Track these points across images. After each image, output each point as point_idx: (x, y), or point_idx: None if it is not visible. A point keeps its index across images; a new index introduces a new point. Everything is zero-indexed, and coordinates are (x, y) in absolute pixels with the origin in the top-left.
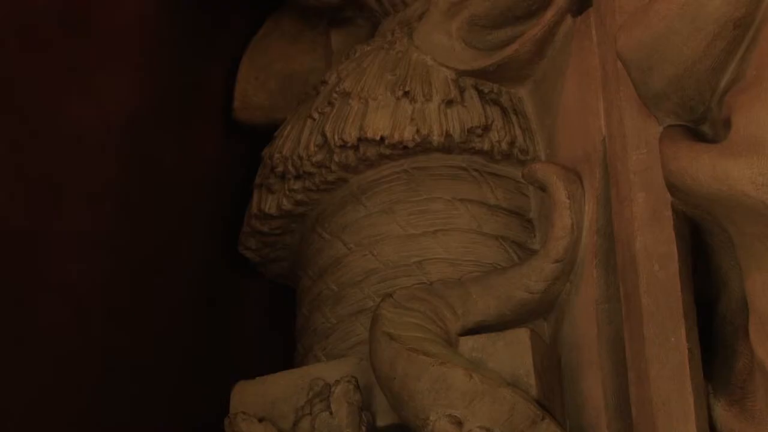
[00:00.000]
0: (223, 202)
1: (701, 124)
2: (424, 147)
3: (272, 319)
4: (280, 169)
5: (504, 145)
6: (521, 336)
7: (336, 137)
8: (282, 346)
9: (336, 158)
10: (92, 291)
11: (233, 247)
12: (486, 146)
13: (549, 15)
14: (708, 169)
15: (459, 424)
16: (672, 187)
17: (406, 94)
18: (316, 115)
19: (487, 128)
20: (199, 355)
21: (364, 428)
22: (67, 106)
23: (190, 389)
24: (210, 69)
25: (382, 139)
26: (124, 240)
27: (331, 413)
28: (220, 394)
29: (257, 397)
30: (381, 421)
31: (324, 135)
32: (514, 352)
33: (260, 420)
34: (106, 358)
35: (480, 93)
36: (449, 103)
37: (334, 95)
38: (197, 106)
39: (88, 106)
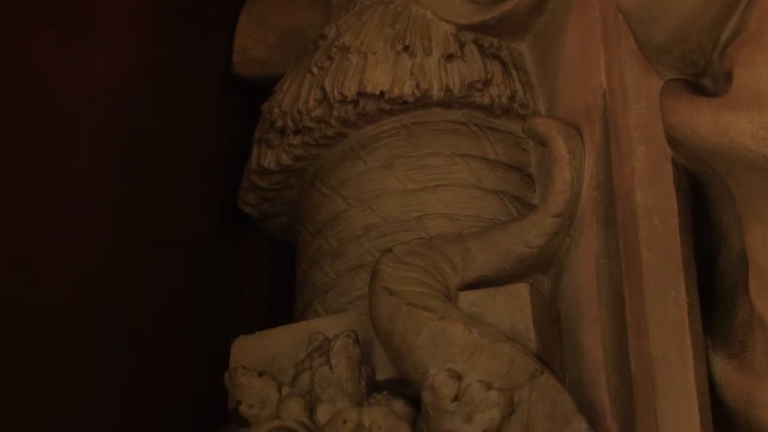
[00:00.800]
0: (222, 157)
1: (702, 77)
2: (423, 102)
3: (272, 274)
4: (279, 124)
5: (504, 100)
6: (521, 291)
7: (335, 92)
8: (281, 301)
9: (335, 113)
10: (92, 251)
11: (233, 202)
12: (486, 101)
13: None
14: (709, 122)
15: (458, 378)
16: (672, 141)
17: (405, 48)
18: (315, 70)
19: (487, 83)
20: (199, 310)
21: (363, 382)
22: (63, 70)
23: (191, 345)
24: (209, 25)
25: (382, 93)
26: (123, 198)
27: (330, 367)
28: (220, 349)
29: (257, 351)
30: (380, 376)
31: (323, 90)
32: (513, 307)
33: (260, 374)
34: (106, 315)
35: (480, 47)
36: (449, 57)
37: (334, 50)
38: (196, 62)
39: (85, 63)
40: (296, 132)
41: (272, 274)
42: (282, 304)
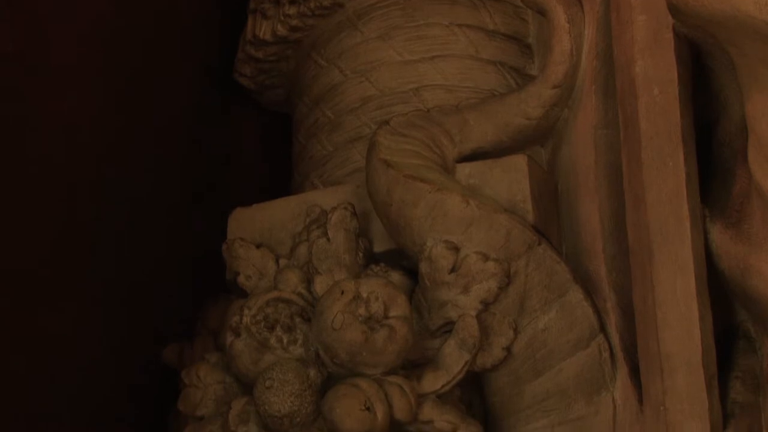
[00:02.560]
0: (217, 29)
1: None
2: None
3: (269, 147)
4: None
5: None
6: (518, 162)
7: None
8: (279, 173)
9: None
10: (85, 123)
11: (228, 74)
12: None
13: None
14: None
15: (455, 249)
16: (674, 9)
17: None
18: None
19: None
20: (196, 183)
21: (360, 254)
22: None
23: (187, 218)
24: None
25: None
26: (116, 72)
27: (328, 239)
28: (218, 222)
29: (254, 223)
30: (378, 247)
31: None
32: (511, 179)
33: (258, 246)
34: (101, 190)
35: None
36: None
37: None
38: None
39: None
40: (292, 2)
41: (269, 147)
42: (277, 177)
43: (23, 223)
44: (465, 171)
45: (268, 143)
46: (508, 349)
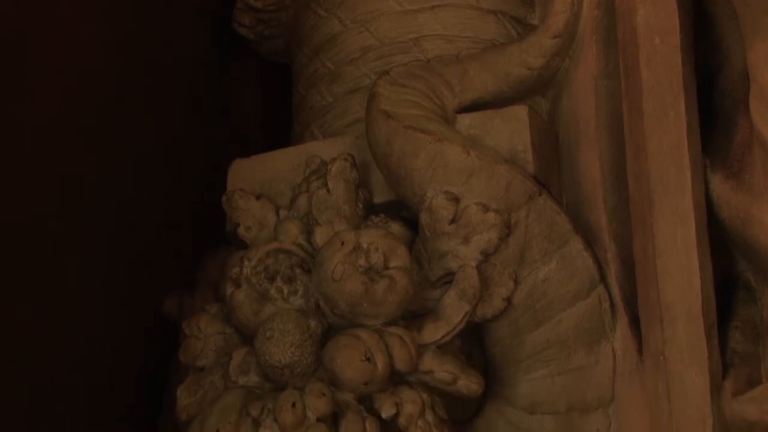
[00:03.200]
0: None
1: None
2: None
3: (268, 98)
4: None
5: None
6: (519, 112)
7: None
8: (279, 124)
9: None
10: (85, 74)
11: (227, 25)
12: None
13: None
14: None
15: (456, 200)
16: None
17: None
18: None
19: None
20: (196, 135)
21: (360, 205)
22: None
23: (187, 169)
24: None
25: None
26: (116, 23)
27: (328, 190)
28: (218, 174)
29: (254, 174)
30: (378, 198)
31: None
32: (511, 129)
33: (257, 197)
34: (101, 142)
35: None
36: None
37: None
38: None
39: None
40: None
41: (269, 98)
42: (277, 128)
43: (27, 173)
44: (465, 121)
45: (267, 94)
46: (509, 300)
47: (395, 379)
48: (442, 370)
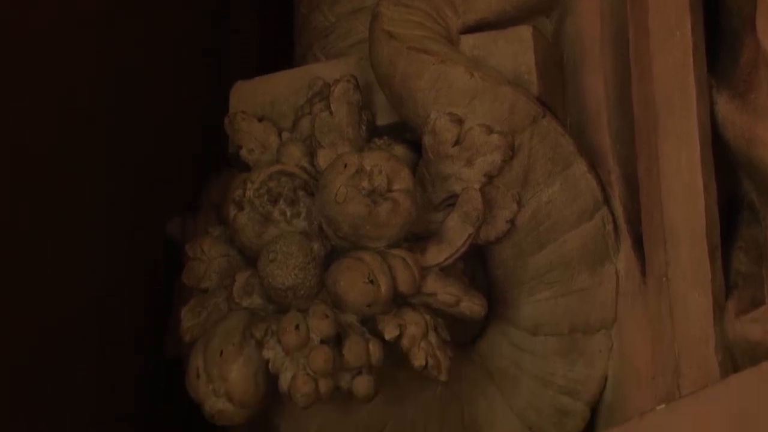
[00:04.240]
0: None
1: None
2: None
3: (270, 19)
4: None
5: None
6: (523, 33)
7: None
8: (280, 45)
9: None
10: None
11: None
12: None
13: None
14: None
15: (459, 122)
16: None
17: None
18: None
19: None
20: (197, 57)
21: (363, 127)
22: None
23: (189, 92)
24: None
25: None
26: None
27: (330, 113)
28: (220, 96)
29: (256, 96)
30: (381, 120)
31: None
32: (515, 50)
33: (260, 119)
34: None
35: None
36: None
37: None
38: None
39: None
40: None
41: (270, 19)
42: (280, 50)
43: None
44: (469, 42)
45: (269, 15)
46: (512, 222)
47: (398, 302)
48: (445, 292)
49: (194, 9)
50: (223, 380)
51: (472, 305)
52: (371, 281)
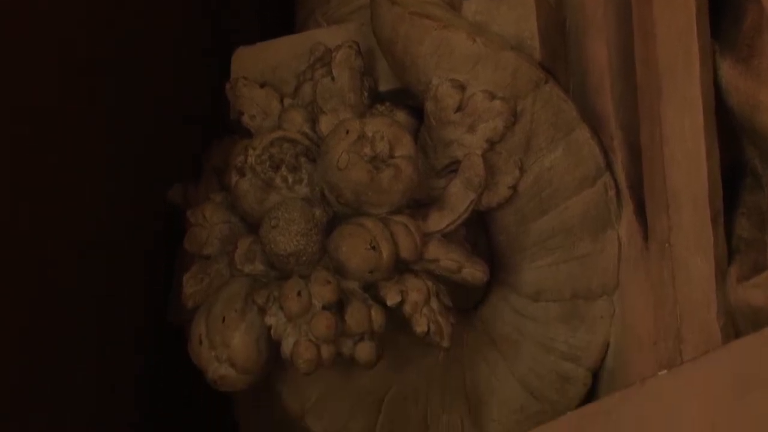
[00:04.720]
0: None
1: None
2: None
3: None
4: None
5: None
6: None
7: None
8: (282, 11)
9: None
10: None
11: None
12: None
13: None
14: None
15: (461, 88)
16: None
17: None
18: None
19: None
20: (197, 23)
21: (365, 93)
22: None
23: (190, 58)
24: None
25: None
26: None
27: (332, 78)
28: (221, 62)
29: (258, 62)
30: (383, 86)
31: None
32: (518, 15)
33: (261, 85)
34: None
35: None
36: None
37: None
38: None
39: None
40: None
41: None
42: (281, 16)
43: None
44: (471, 8)
45: None
46: (514, 188)
47: (400, 268)
48: (447, 258)
49: None
50: (225, 346)
51: (474, 271)
52: (373, 247)
